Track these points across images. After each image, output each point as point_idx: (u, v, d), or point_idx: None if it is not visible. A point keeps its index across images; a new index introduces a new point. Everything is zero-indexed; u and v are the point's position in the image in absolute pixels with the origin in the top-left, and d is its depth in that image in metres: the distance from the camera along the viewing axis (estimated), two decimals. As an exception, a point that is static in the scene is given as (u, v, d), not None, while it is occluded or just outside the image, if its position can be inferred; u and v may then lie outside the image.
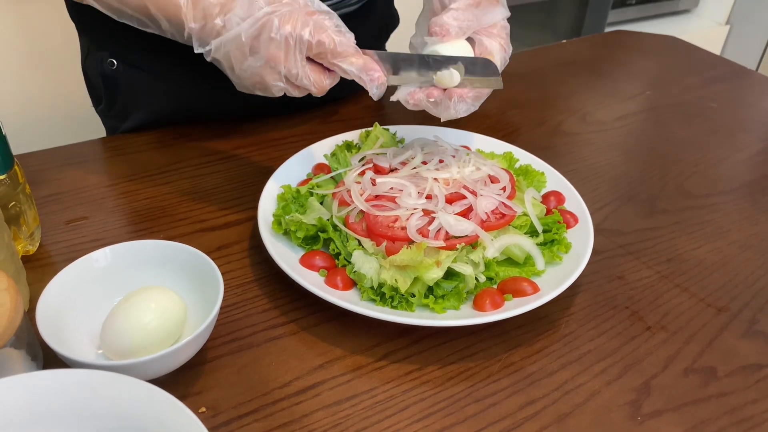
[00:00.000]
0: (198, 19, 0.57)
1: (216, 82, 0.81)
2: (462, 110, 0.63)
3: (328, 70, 0.59)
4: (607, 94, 1.02)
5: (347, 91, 0.92)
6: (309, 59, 0.58)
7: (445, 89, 0.61)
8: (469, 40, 0.64)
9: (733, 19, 2.69)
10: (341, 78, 0.60)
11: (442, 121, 0.66)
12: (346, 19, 0.83)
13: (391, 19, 0.98)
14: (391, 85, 0.60)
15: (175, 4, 0.57)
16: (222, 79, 0.63)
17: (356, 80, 0.58)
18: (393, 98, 0.63)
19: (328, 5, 0.76)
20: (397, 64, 0.60)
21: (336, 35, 0.56)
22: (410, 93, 0.62)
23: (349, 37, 0.58)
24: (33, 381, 0.41)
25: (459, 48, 0.62)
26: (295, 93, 0.60)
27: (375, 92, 0.59)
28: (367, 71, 0.58)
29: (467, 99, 0.62)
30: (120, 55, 0.79)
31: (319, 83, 0.59)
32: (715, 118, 0.96)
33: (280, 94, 0.60)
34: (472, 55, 0.61)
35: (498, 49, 0.63)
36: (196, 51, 0.59)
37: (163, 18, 0.59)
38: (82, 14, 0.81)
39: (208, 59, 0.59)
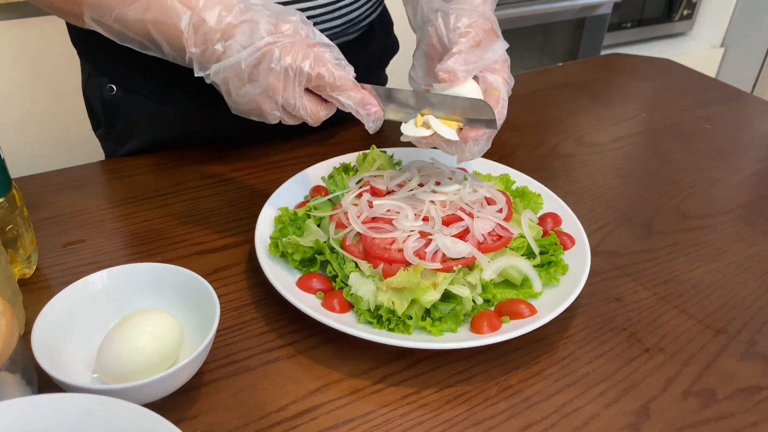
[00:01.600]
0: (199, 44, 0.58)
1: (215, 110, 0.81)
2: (477, 152, 0.63)
3: (325, 101, 0.60)
4: (602, 116, 1.02)
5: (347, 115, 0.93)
6: (307, 90, 0.58)
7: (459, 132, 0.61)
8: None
9: (728, 41, 2.72)
10: (338, 109, 0.60)
11: (458, 163, 0.66)
12: (347, 46, 0.84)
13: (391, 46, 0.99)
14: (387, 120, 0.61)
15: (177, 29, 0.58)
16: (221, 106, 0.63)
17: (353, 113, 0.59)
18: (403, 139, 0.63)
19: (329, 34, 0.77)
20: (393, 98, 0.61)
21: (336, 69, 0.57)
22: (422, 137, 0.62)
23: (349, 71, 0.58)
24: (27, 405, 0.40)
25: (468, 90, 0.61)
26: (291, 121, 0.61)
27: (371, 126, 0.60)
28: (364, 105, 0.59)
29: (481, 140, 0.62)
30: (120, 80, 0.80)
31: (315, 114, 0.59)
32: (711, 139, 0.97)
33: (276, 121, 0.61)
34: (480, 95, 0.61)
35: (502, 84, 0.63)
36: (196, 74, 0.60)
37: (165, 42, 0.59)
38: (83, 40, 0.82)
39: (208, 81, 0.60)
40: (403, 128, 0.62)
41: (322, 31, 0.78)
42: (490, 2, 0.69)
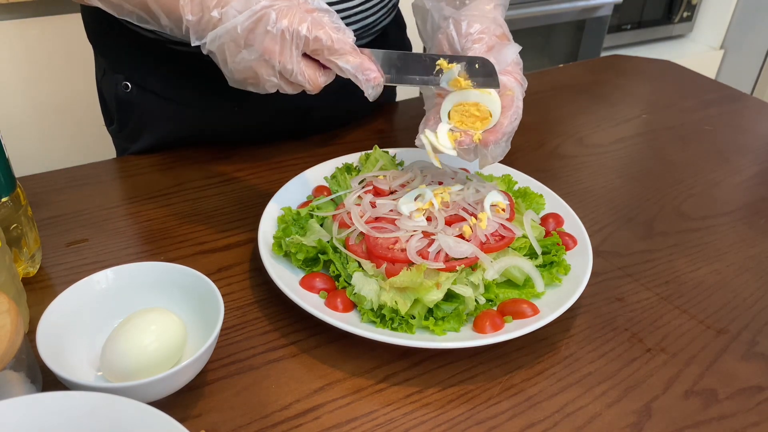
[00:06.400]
0: (195, 11, 0.56)
1: (228, 109, 0.82)
2: (499, 154, 0.62)
3: (324, 67, 0.58)
4: (603, 117, 1.03)
5: (351, 117, 0.93)
6: (305, 56, 0.57)
7: (479, 139, 0.61)
8: None
9: (728, 43, 2.73)
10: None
11: (480, 169, 0.65)
12: None
13: (404, 48, 1.00)
14: (387, 85, 0.60)
15: None
16: (235, 103, 0.63)
17: (352, 79, 0.58)
18: (418, 143, 0.63)
19: None
20: (394, 64, 0.59)
21: (334, 32, 0.56)
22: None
23: (348, 35, 0.57)
24: (32, 403, 0.41)
25: (483, 91, 0.62)
26: (289, 89, 0.59)
27: (371, 93, 0.58)
28: (363, 70, 0.57)
29: (501, 142, 0.61)
30: (135, 78, 0.81)
31: (314, 80, 0.58)
32: (711, 141, 0.97)
33: (273, 90, 0.59)
34: (498, 102, 0.61)
35: (516, 85, 0.63)
36: (192, 44, 0.59)
37: (162, 12, 0.58)
38: (100, 36, 0.82)
39: (204, 52, 0.59)
40: (418, 142, 0.62)
41: None
42: (501, 8, 0.69)
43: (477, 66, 0.60)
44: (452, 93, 0.62)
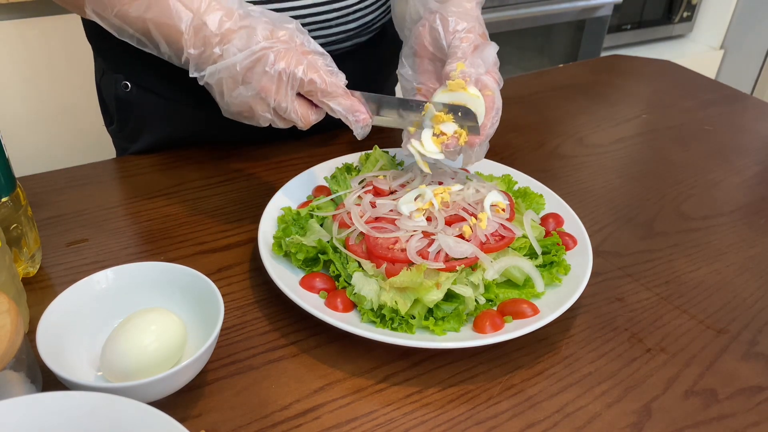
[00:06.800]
0: (198, 46, 0.59)
1: None
2: (482, 154, 0.66)
3: (315, 106, 0.62)
4: (603, 117, 1.03)
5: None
6: (298, 95, 0.61)
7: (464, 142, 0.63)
8: None
9: (728, 43, 2.73)
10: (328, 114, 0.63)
11: (463, 166, 0.69)
12: (360, 47, 0.85)
13: (401, 46, 1.00)
14: (375, 126, 0.64)
15: (177, 30, 0.59)
16: None
17: (342, 119, 0.62)
18: (403, 150, 0.66)
19: (343, 37, 0.79)
20: (382, 105, 0.63)
21: (327, 76, 0.60)
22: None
23: (340, 78, 0.61)
24: (32, 403, 0.41)
25: (471, 91, 0.63)
26: (281, 125, 0.63)
27: (359, 132, 0.63)
28: (353, 112, 0.61)
29: (485, 143, 0.65)
30: (135, 78, 0.81)
31: (305, 117, 0.62)
32: (711, 141, 0.97)
33: (266, 124, 0.62)
34: (480, 96, 0.63)
35: (492, 83, 0.65)
36: (191, 75, 0.61)
37: (163, 41, 0.61)
38: (99, 36, 0.82)
39: (201, 83, 0.62)
40: (405, 146, 0.66)
41: (336, 34, 0.79)
42: (479, 6, 0.71)
43: (460, 114, 0.63)
44: (438, 94, 0.64)
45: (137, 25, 0.61)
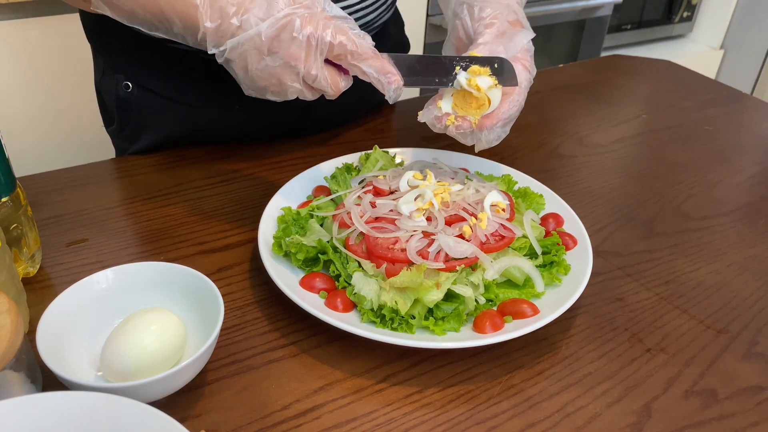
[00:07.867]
0: (214, 18, 0.57)
1: (229, 106, 0.82)
2: (494, 139, 0.64)
3: (344, 72, 0.60)
4: (603, 117, 1.03)
5: (351, 115, 0.93)
6: (326, 61, 0.58)
7: (475, 122, 0.63)
8: None
9: (728, 43, 2.73)
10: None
11: (476, 151, 0.67)
12: None
13: (402, 45, 1.01)
14: (407, 87, 0.61)
15: (192, 3, 0.57)
16: (235, 101, 0.63)
17: (374, 83, 0.59)
18: (420, 119, 0.64)
19: None
20: (413, 66, 0.61)
21: (356, 38, 0.57)
22: (437, 117, 0.64)
23: (368, 40, 0.58)
24: (32, 403, 0.41)
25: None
26: (309, 96, 0.60)
27: (392, 95, 0.60)
28: (385, 74, 0.59)
29: (497, 128, 0.63)
30: (135, 78, 0.80)
31: (336, 85, 0.59)
32: (711, 141, 0.97)
33: (294, 96, 0.60)
34: (500, 89, 0.63)
35: (522, 71, 0.64)
36: (209, 52, 0.59)
37: (177, 19, 0.58)
38: (100, 36, 0.82)
39: (220, 60, 0.59)
40: (420, 118, 0.64)
41: None
42: None
43: (496, 66, 0.61)
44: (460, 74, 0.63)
45: (149, 6, 0.58)
